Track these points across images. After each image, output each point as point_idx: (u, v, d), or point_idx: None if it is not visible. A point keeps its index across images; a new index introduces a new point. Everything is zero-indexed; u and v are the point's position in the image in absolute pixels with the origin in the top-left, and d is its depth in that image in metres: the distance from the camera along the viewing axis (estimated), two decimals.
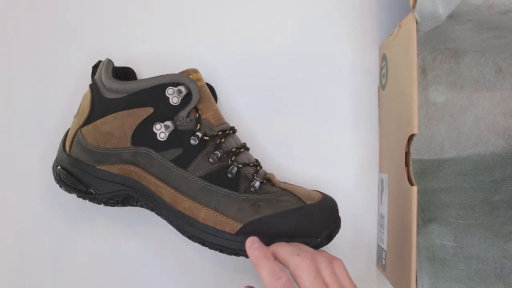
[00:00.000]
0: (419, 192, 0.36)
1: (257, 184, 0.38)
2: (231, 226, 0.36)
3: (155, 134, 0.37)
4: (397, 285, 0.39)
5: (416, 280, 0.35)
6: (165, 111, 0.38)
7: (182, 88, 0.38)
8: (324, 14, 0.47)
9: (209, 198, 0.37)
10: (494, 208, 0.47)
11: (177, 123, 0.38)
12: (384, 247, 0.43)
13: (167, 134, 0.37)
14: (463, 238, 0.46)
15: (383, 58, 0.45)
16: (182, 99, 0.38)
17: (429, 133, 0.48)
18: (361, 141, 0.47)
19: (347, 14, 0.47)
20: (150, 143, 0.38)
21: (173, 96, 0.38)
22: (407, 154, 0.37)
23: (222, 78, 0.46)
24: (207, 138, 0.38)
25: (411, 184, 0.36)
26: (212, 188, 0.37)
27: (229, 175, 0.37)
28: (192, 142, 0.38)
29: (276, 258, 0.34)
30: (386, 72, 0.44)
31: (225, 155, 0.38)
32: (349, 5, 0.47)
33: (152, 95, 0.38)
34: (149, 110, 0.38)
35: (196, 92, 0.38)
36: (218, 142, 0.38)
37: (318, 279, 0.31)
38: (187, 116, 0.38)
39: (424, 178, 0.47)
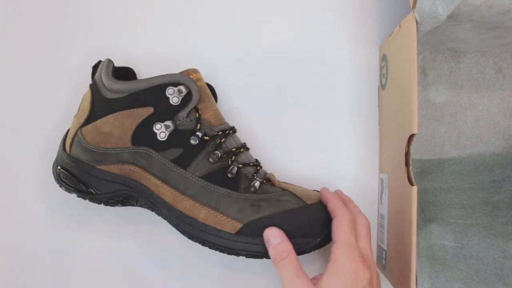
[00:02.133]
0: (419, 192, 0.36)
1: (257, 184, 0.38)
2: (231, 226, 0.36)
3: (155, 134, 0.37)
4: (397, 285, 0.39)
5: (416, 280, 0.35)
6: (165, 111, 0.38)
7: (182, 88, 0.38)
8: (324, 14, 0.47)
9: (209, 198, 0.37)
10: (494, 208, 0.47)
11: (177, 123, 0.38)
12: (384, 247, 0.43)
13: (167, 134, 0.37)
14: (463, 238, 0.46)
15: (383, 58, 0.45)
16: (182, 99, 0.38)
17: (429, 133, 0.48)
18: (361, 141, 0.47)
19: (347, 14, 0.47)
20: (150, 143, 0.38)
21: (173, 96, 0.38)
22: (407, 154, 0.37)
23: (222, 78, 0.46)
24: (207, 138, 0.38)
25: (411, 184, 0.36)
26: (212, 188, 0.37)
27: (229, 175, 0.37)
28: (192, 142, 0.38)
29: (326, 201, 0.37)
30: (386, 72, 0.44)
31: (225, 155, 0.38)
32: (349, 5, 0.47)
33: (152, 95, 0.38)
34: (149, 110, 0.38)
35: (196, 92, 0.38)
36: (218, 142, 0.38)
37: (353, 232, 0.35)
38: (187, 116, 0.38)
39: (424, 178, 0.47)
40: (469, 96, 0.48)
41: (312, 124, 0.47)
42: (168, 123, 0.37)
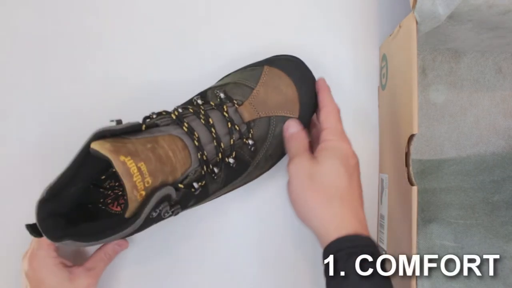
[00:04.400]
0: (419, 192, 0.36)
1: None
2: None
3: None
4: (397, 285, 0.39)
5: (416, 280, 0.35)
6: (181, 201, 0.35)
7: (166, 203, 0.33)
8: (324, 14, 0.47)
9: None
10: (494, 208, 0.47)
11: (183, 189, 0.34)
12: (384, 247, 0.43)
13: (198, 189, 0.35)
14: (463, 238, 0.46)
15: (383, 58, 0.45)
16: (174, 203, 0.34)
17: (429, 133, 0.48)
18: (361, 141, 0.47)
19: (347, 14, 0.47)
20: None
21: (165, 212, 0.33)
22: (407, 154, 0.37)
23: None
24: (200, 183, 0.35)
25: (411, 184, 0.36)
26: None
27: (234, 165, 0.37)
28: (195, 185, 0.35)
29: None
30: (386, 72, 0.44)
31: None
32: (349, 5, 0.47)
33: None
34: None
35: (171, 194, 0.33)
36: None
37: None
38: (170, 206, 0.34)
39: (424, 178, 0.47)
40: (469, 96, 0.48)
41: None
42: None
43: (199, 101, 0.37)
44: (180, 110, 0.36)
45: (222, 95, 0.38)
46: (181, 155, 0.33)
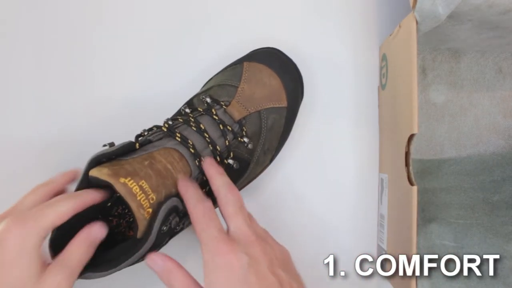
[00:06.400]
0: (419, 192, 0.36)
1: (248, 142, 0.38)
2: None
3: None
4: (397, 285, 0.39)
5: (416, 280, 0.35)
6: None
7: (174, 215, 0.32)
8: (324, 14, 0.47)
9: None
10: (494, 208, 0.47)
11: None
12: (384, 247, 0.43)
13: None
14: (463, 238, 0.46)
15: (383, 58, 0.45)
16: (179, 217, 0.33)
17: (429, 133, 0.48)
18: (361, 141, 0.47)
19: (347, 14, 0.47)
20: None
21: (174, 223, 0.33)
22: (407, 154, 0.37)
23: None
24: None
25: (411, 184, 0.36)
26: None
27: (235, 166, 0.38)
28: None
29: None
30: (386, 72, 0.44)
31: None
32: (349, 5, 0.47)
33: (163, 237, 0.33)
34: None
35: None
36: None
37: (244, 210, 0.32)
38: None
39: (424, 178, 0.47)
40: (469, 96, 0.48)
41: (312, 124, 0.47)
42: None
43: (187, 110, 0.37)
44: (170, 122, 0.36)
45: (208, 100, 0.38)
46: (180, 165, 0.33)
